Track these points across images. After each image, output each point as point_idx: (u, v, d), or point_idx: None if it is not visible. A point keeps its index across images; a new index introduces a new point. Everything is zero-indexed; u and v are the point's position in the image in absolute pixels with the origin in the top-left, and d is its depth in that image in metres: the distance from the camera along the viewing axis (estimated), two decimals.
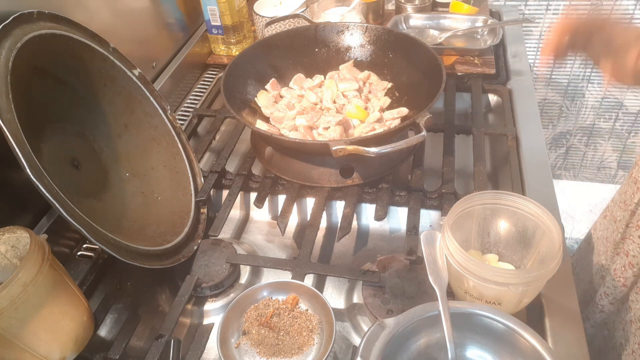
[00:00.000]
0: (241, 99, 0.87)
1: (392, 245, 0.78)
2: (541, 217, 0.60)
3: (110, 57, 0.76)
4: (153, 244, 0.69)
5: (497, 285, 0.55)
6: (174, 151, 0.82)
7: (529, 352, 0.50)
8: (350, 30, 0.96)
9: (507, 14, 1.26)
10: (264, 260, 0.72)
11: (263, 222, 0.84)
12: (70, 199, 0.58)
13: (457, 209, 0.61)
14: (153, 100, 0.81)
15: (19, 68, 0.60)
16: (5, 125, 0.54)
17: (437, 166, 0.82)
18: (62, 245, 0.75)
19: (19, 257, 0.59)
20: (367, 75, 0.93)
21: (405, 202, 0.78)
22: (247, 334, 0.62)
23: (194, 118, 1.00)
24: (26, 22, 0.63)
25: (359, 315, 0.68)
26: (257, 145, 0.87)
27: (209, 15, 1.10)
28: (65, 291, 0.59)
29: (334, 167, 0.79)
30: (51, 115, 0.69)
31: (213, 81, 1.13)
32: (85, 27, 0.73)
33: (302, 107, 0.87)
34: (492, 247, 0.66)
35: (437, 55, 0.83)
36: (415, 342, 0.54)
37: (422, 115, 0.71)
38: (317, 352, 0.60)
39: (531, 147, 0.85)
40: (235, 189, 0.81)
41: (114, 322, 0.69)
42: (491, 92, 1.02)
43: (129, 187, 0.77)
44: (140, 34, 0.98)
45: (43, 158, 0.65)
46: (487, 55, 1.07)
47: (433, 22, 1.18)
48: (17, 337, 0.53)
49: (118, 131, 0.79)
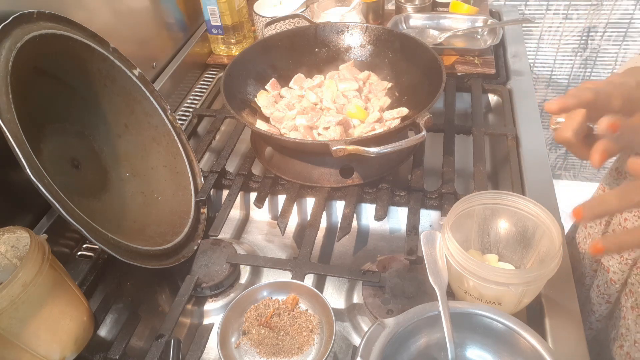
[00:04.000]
0: (241, 99, 0.87)
1: (392, 245, 0.78)
2: (541, 217, 0.60)
3: (110, 57, 0.76)
4: (153, 244, 0.69)
5: (497, 285, 0.55)
6: (174, 151, 0.82)
7: (529, 352, 0.50)
8: (350, 30, 0.96)
9: (507, 14, 1.26)
10: (264, 260, 0.72)
11: (263, 222, 0.84)
12: (70, 199, 0.58)
13: (457, 209, 0.61)
14: (153, 100, 0.81)
15: (19, 68, 0.60)
16: (5, 125, 0.54)
17: (437, 166, 0.82)
18: (62, 245, 0.75)
19: (19, 257, 0.59)
20: (367, 75, 0.93)
21: (405, 202, 0.78)
22: (247, 334, 0.62)
23: (194, 118, 1.00)
24: (26, 22, 0.63)
25: (359, 315, 0.68)
26: (257, 145, 0.87)
27: (209, 15, 1.10)
28: (65, 291, 0.59)
29: (334, 167, 0.79)
30: (51, 115, 0.69)
31: (213, 81, 1.13)
32: (85, 27, 0.73)
33: (302, 107, 0.87)
34: (492, 247, 0.66)
35: (437, 55, 0.83)
36: (415, 342, 0.54)
37: (422, 115, 0.71)
38: (317, 352, 0.60)
39: (531, 147, 0.85)
40: (235, 189, 0.81)
41: (114, 322, 0.69)
42: (491, 92, 1.02)
43: (129, 187, 0.77)
44: (140, 34, 0.98)
45: (43, 158, 0.65)
46: (487, 55, 1.07)
47: (433, 22, 1.18)
48: (17, 337, 0.53)
49: (118, 131, 0.79)
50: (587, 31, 1.63)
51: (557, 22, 1.62)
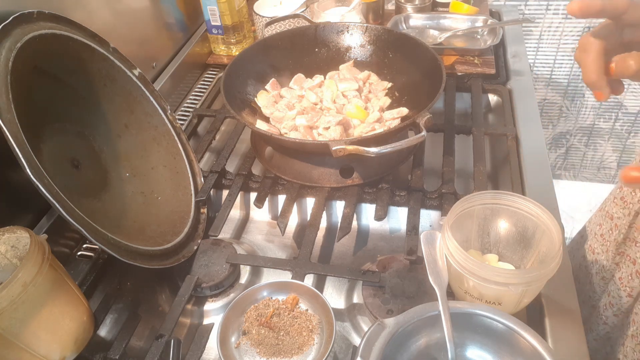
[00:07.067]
0: (241, 99, 0.87)
1: (392, 245, 0.78)
2: (541, 217, 0.60)
3: (110, 57, 0.76)
4: (153, 244, 0.69)
5: (497, 285, 0.55)
6: (174, 151, 0.82)
7: (529, 352, 0.50)
8: (350, 30, 0.96)
9: (507, 14, 1.27)
10: (264, 260, 0.72)
11: (263, 222, 0.84)
12: (70, 199, 0.58)
13: (457, 209, 0.61)
14: (153, 100, 0.81)
15: (19, 68, 0.60)
16: (5, 125, 0.54)
17: (437, 166, 0.82)
18: (62, 245, 0.75)
19: (19, 257, 0.59)
20: (367, 75, 0.93)
21: (405, 202, 0.78)
22: (247, 334, 0.62)
23: (194, 118, 1.00)
24: (26, 22, 0.63)
25: (359, 315, 0.68)
26: (257, 145, 0.87)
27: (209, 15, 1.10)
28: (65, 291, 0.59)
29: (334, 167, 0.79)
30: (51, 115, 0.69)
31: (213, 81, 1.13)
32: (85, 27, 0.73)
33: (302, 107, 0.87)
34: (492, 247, 0.66)
35: (437, 55, 0.83)
36: (415, 342, 0.54)
37: (422, 115, 0.71)
38: (317, 352, 0.60)
39: (531, 147, 0.85)
40: (235, 189, 0.81)
41: (114, 322, 0.69)
42: (491, 92, 1.02)
43: (129, 187, 0.77)
44: (140, 34, 0.98)
45: (43, 158, 0.65)
46: (487, 55, 1.07)
47: (433, 22, 1.18)
48: (17, 337, 0.53)
49: (118, 131, 0.79)
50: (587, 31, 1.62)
51: (556, 21, 1.62)
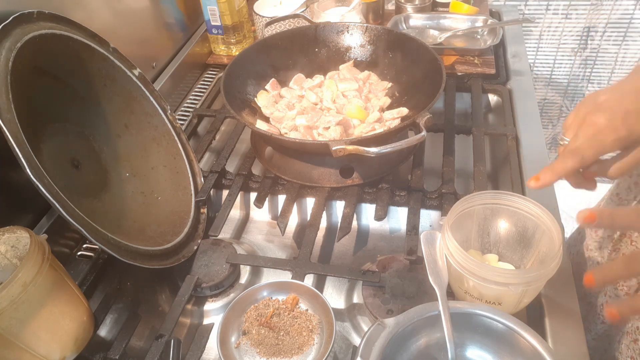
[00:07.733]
0: (241, 99, 0.87)
1: (392, 245, 0.78)
2: (541, 217, 0.60)
3: (110, 57, 0.76)
4: (153, 244, 0.69)
5: (497, 285, 0.55)
6: (174, 151, 0.82)
7: (529, 352, 0.50)
8: (350, 30, 0.96)
9: (507, 14, 1.26)
10: (264, 260, 0.72)
11: (263, 222, 0.84)
12: (70, 199, 0.58)
13: (457, 209, 0.61)
14: (153, 100, 0.81)
15: (19, 68, 0.60)
16: (5, 125, 0.54)
17: (437, 166, 0.82)
18: (62, 245, 0.75)
19: (19, 257, 0.59)
20: (367, 75, 0.93)
21: (405, 202, 0.78)
22: (247, 334, 0.62)
23: (194, 118, 1.00)
24: (26, 22, 0.63)
25: (359, 315, 0.68)
26: (257, 145, 0.87)
27: (209, 15, 1.10)
28: (65, 291, 0.59)
29: (334, 167, 0.79)
30: (51, 115, 0.69)
31: (213, 81, 1.13)
32: (85, 27, 0.73)
33: (302, 107, 0.87)
34: (492, 247, 0.66)
35: (437, 55, 0.83)
36: (415, 342, 0.54)
37: (422, 115, 0.71)
38: (317, 352, 0.60)
39: (531, 147, 0.85)
40: (235, 189, 0.81)
41: (114, 322, 0.69)
42: (491, 92, 1.02)
43: (129, 187, 0.77)
44: (140, 34, 0.98)
45: (43, 158, 0.65)
46: (487, 55, 1.07)
47: (433, 22, 1.18)
48: (17, 337, 0.53)
49: (118, 131, 0.79)
50: (587, 31, 1.63)
51: (556, 21, 1.62)
